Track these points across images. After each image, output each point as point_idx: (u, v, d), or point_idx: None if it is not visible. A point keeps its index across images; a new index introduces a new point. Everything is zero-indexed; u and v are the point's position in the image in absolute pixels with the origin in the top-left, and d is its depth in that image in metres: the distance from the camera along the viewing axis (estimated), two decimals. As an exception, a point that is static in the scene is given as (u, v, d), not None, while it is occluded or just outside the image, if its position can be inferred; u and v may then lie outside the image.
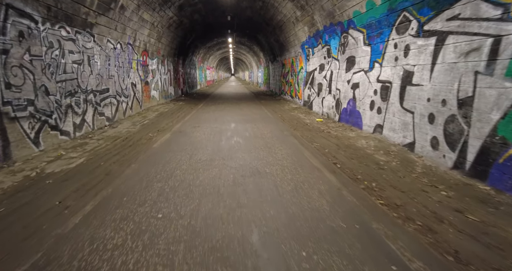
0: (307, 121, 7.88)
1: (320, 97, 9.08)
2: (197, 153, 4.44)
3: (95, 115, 6.17)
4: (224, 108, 10.61)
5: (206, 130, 6.30)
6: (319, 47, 8.99)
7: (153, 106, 10.82)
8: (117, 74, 7.47)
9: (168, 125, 7.01)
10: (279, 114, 9.12)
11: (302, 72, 11.59)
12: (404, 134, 4.60)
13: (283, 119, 8.19)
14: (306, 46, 10.47)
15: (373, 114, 5.66)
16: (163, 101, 12.49)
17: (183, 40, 15.00)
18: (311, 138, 5.53)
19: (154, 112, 9.41)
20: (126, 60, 8.19)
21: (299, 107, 11.21)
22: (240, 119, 7.93)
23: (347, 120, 6.96)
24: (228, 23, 15.81)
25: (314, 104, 9.72)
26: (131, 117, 8.25)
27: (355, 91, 6.52)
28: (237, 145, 4.95)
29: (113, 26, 6.88)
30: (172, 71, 14.56)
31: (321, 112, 8.99)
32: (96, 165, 3.86)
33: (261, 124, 7.17)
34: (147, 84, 10.28)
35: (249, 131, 6.24)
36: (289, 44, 12.90)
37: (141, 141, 5.37)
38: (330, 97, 8.12)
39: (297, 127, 6.85)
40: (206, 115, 8.85)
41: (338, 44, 7.40)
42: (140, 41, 9.20)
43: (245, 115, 8.85)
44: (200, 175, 3.41)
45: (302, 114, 9.16)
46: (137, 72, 9.17)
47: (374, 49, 5.62)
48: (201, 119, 8.04)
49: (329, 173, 3.45)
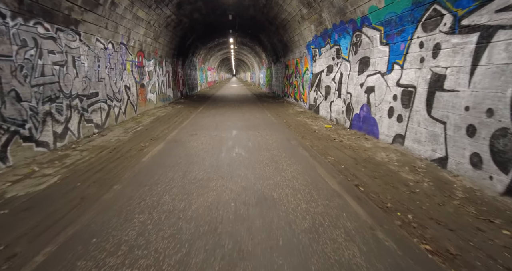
0: (315, 127, 7.24)
1: (328, 100, 8.45)
2: (192, 169, 3.80)
3: (81, 122, 5.55)
4: (225, 112, 9.99)
5: (204, 139, 5.67)
6: (327, 47, 8.36)
7: (150, 110, 10.21)
8: (108, 77, 6.86)
9: (163, 133, 6.39)
10: (283, 119, 8.48)
11: (307, 73, 10.96)
12: (433, 147, 3.95)
13: (289, 125, 7.56)
14: (312, 46, 9.84)
15: (392, 122, 5.01)
16: (161, 104, 11.89)
17: (182, 40, 14.41)
18: (323, 149, 4.89)
19: (149, 117, 8.79)
20: (119, 61, 7.59)
21: (304, 111, 10.58)
22: (242, 125, 7.30)
23: (360, 127, 6.31)
24: (230, 23, 15.22)
25: (321, 108, 9.08)
26: (124, 123, 7.63)
27: (369, 96, 5.88)
28: (239, 158, 4.32)
29: (103, 24, 6.27)
30: (171, 72, 13.97)
31: (329, 117, 8.35)
32: (71, 186, 3.23)
33: (265, 131, 6.54)
34: (143, 87, 9.68)
35: (252, 140, 5.60)
36: (294, 44, 12.28)
37: (130, 152, 4.74)
38: (340, 101, 7.48)
39: (305, 134, 6.22)
40: (206, 120, 8.22)
41: (349, 44, 6.77)
42: (135, 41, 8.60)
43: (247, 120, 8.23)
44: (193, 203, 2.77)
45: (308, 119, 8.53)
46: (131, 74, 8.57)
47: (393, 49, 4.98)
48: (200, 125, 7.41)
49: (353, 201, 2.81)
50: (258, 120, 8.20)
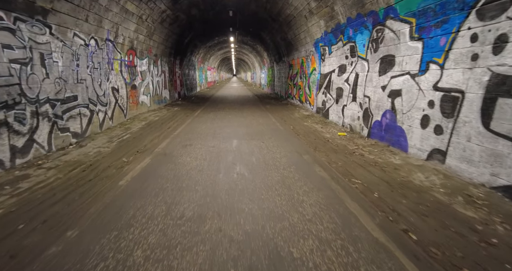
0: (327, 135, 6.35)
1: (339, 104, 7.55)
2: (180, 200, 2.91)
3: (53, 132, 4.67)
4: (225, 116, 9.10)
5: (199, 152, 4.78)
6: (339, 44, 7.46)
7: (142, 114, 9.31)
8: (90, 78, 5.98)
9: (152, 143, 5.50)
10: (290, 125, 7.59)
11: (314, 74, 10.06)
12: (494, 170, 3.05)
13: (297, 132, 6.66)
14: (321, 44, 8.94)
15: (426, 134, 4.12)
16: (155, 107, 11.00)
17: (180, 38, 13.53)
18: (344, 167, 3.99)
19: (141, 122, 7.90)
20: (105, 60, 6.70)
21: (312, 114, 9.68)
22: (244, 133, 6.41)
23: (381, 136, 5.42)
24: (230, 20, 14.33)
25: (332, 112, 8.18)
26: (110, 130, 6.74)
27: (394, 101, 4.98)
28: (241, 182, 3.42)
29: (82, 16, 5.38)
30: (167, 72, 13.08)
31: (341, 122, 7.45)
32: (9, 230, 2.34)
33: (270, 140, 5.65)
34: (134, 88, 8.79)
35: (256, 153, 4.71)
36: (299, 42, 11.39)
37: (108, 171, 3.86)
38: (355, 106, 6.58)
39: (318, 145, 5.32)
40: (203, 126, 7.33)
41: (368, 40, 5.87)
42: (124, 38, 7.72)
43: (249, 126, 7.34)
44: (174, 266, 1.88)
45: (317, 125, 7.63)
46: (120, 75, 7.68)
47: (429, 44, 4.08)
48: (196, 132, 6.52)
49: (410, 263, 1.91)
50: (262, 126, 7.31)
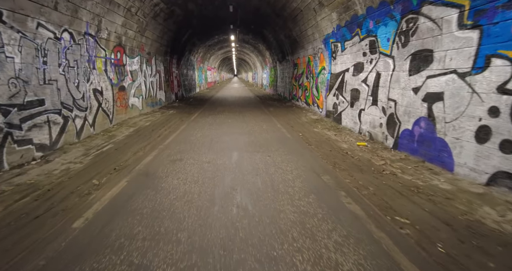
0: (344, 145, 5.38)
1: (355, 108, 6.58)
2: (151, 261, 1.95)
3: (5, 146, 3.71)
4: (224, 121, 8.14)
5: (190, 172, 3.81)
6: (355, 39, 6.49)
7: (132, 118, 8.36)
8: (64, 78, 5.03)
9: (135, 156, 4.54)
10: (298, 131, 6.63)
11: (323, 73, 9.09)
12: None
13: (308, 141, 5.70)
14: (332, 40, 7.98)
15: (486, 151, 3.15)
16: (148, 110, 10.05)
17: (176, 35, 12.58)
18: (379, 196, 3.02)
19: (129, 128, 6.95)
20: (84, 57, 5.75)
21: (321, 118, 8.71)
22: (245, 143, 5.45)
23: (413, 149, 4.44)
24: (230, 16, 13.37)
25: (345, 117, 7.21)
26: (90, 138, 5.79)
27: (432, 106, 4.01)
28: (243, 223, 2.45)
29: (49, 3, 4.42)
30: (163, 72, 12.13)
31: (357, 129, 6.47)
32: None
33: (278, 153, 4.68)
34: (122, 90, 7.83)
35: (261, 173, 3.74)
36: (305, 39, 10.42)
37: (68, 201, 2.90)
38: (376, 111, 5.62)
39: (337, 159, 4.36)
40: (198, 133, 6.37)
41: (395, 33, 4.90)
42: (109, 33, 6.77)
43: (252, 133, 6.37)
44: None
45: (330, 132, 6.66)
46: (105, 74, 6.73)
47: (491, 33, 3.11)
48: (189, 142, 5.56)
49: None
50: (266, 134, 6.34)
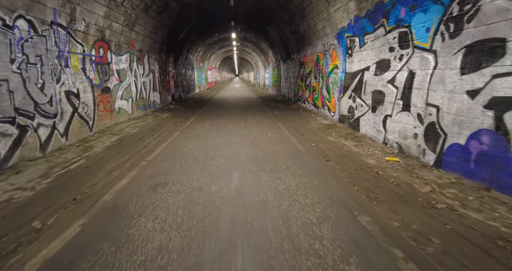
0: (370, 160, 4.35)
1: (378, 113, 5.53)
2: None
3: None
4: (223, 127, 7.11)
5: (173, 206, 2.78)
6: (379, 32, 5.45)
7: (119, 124, 7.33)
8: (20, 77, 4.01)
9: (107, 179, 3.52)
10: (310, 141, 5.59)
11: (336, 73, 8.05)
12: None
13: (325, 154, 4.66)
14: (348, 34, 6.93)
15: None
16: (139, 114, 9.03)
17: (173, 32, 11.57)
18: (453, 255, 1.98)
19: (111, 137, 5.93)
20: (52, 52, 4.74)
21: (333, 124, 7.67)
22: (248, 158, 4.41)
23: (468, 171, 3.39)
24: (231, 12, 12.34)
25: (364, 123, 6.17)
26: (60, 151, 4.77)
27: (503, 115, 2.97)
28: None
29: (-6, -19, 3.42)
30: (157, 71, 11.12)
31: (381, 138, 5.43)
32: None
33: (290, 173, 3.65)
34: (106, 92, 6.82)
35: (272, 210, 2.69)
36: (314, 35, 9.38)
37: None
38: (408, 118, 4.57)
39: (369, 185, 3.32)
40: (192, 144, 5.34)
41: (439, 21, 3.85)
42: (88, 24, 5.75)
43: (256, 143, 5.33)
44: None
45: (347, 141, 5.62)
46: (82, 74, 5.72)
47: None
48: (180, 156, 4.53)
49: None
50: (273, 145, 5.30)
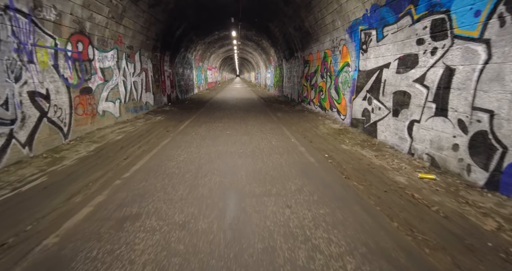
0: (400, 178, 3.50)
1: (402, 118, 4.68)
2: None
3: None
4: (221, 132, 6.26)
5: (141, 256, 1.93)
6: (404, 22, 4.60)
7: (102, 129, 6.49)
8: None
9: (63, 209, 2.67)
10: (322, 150, 4.74)
11: (347, 71, 7.20)
12: None
13: (342, 169, 3.81)
14: (363, 26, 6.08)
15: None
16: (129, 117, 8.20)
17: (168, 28, 10.75)
18: None
19: (90, 145, 5.09)
20: (8, 44, 3.91)
21: (345, 128, 6.81)
22: (249, 175, 3.55)
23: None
24: (231, 7, 11.51)
25: (383, 129, 5.31)
26: (19, 165, 3.92)
27: None
28: None
29: None
30: (151, 71, 10.30)
31: (405, 147, 4.57)
32: None
33: (303, 199, 2.79)
34: (87, 93, 5.99)
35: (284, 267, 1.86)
36: (322, 29, 8.53)
37: None
38: (445, 125, 3.72)
39: (410, 217, 2.46)
40: (182, 155, 4.50)
41: (496, 0, 3.01)
42: (60, 13, 4.92)
43: (258, 154, 4.48)
44: None
45: (365, 150, 4.77)
46: (54, 71, 4.89)
47: None
48: (165, 171, 3.69)
49: None
50: (279, 156, 4.45)
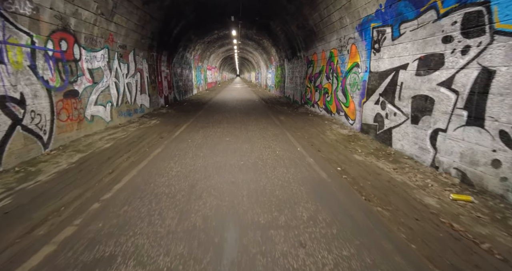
0: (429, 200, 2.96)
1: (422, 125, 4.14)
2: None
3: None
4: (220, 139, 5.71)
5: None
6: (427, 16, 4.06)
7: (91, 136, 5.96)
8: None
9: (14, 248, 2.14)
10: (333, 161, 4.20)
11: (356, 72, 6.66)
12: None
13: (360, 188, 3.27)
14: (375, 24, 5.55)
15: None
16: (122, 121, 7.66)
17: (165, 26, 10.21)
18: None
19: (73, 156, 4.55)
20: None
21: (354, 134, 6.27)
22: (251, 194, 3.01)
23: None
24: (231, 5, 10.99)
25: (400, 137, 4.77)
26: (-13, 181, 3.40)
27: None
28: None
29: None
30: (147, 71, 9.76)
31: (427, 159, 4.03)
32: None
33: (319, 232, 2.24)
34: (72, 96, 5.45)
35: None
36: (328, 28, 7.99)
37: None
38: (480, 136, 3.18)
39: (452, 257, 1.92)
40: (175, 168, 3.95)
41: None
42: (37, 7, 4.39)
43: (260, 165, 3.93)
44: None
45: (381, 161, 4.23)
46: (31, 73, 4.35)
47: None
48: (152, 191, 3.14)
49: None
50: (285, 169, 3.91)
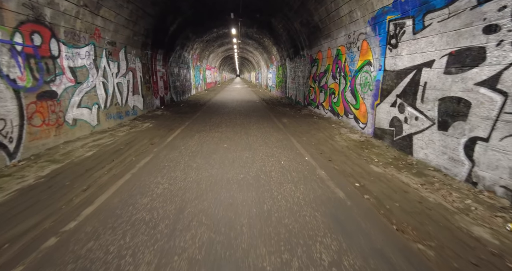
0: (479, 231, 2.30)
1: (454, 132, 3.49)
2: None
3: None
4: (217, 146, 5.06)
5: None
6: (462, 3, 3.41)
7: (72, 142, 5.31)
8: None
9: None
10: (349, 175, 3.55)
11: (368, 71, 6.02)
12: None
13: (386, 211, 2.61)
14: (393, 16, 4.91)
15: None
16: (111, 124, 7.02)
17: (160, 23, 9.57)
18: None
19: (45, 167, 3.90)
20: None
21: (366, 139, 5.63)
22: (253, 224, 2.34)
23: None
24: (231, 1, 10.36)
25: (422, 145, 4.12)
26: None
27: None
28: None
29: None
30: (140, 70, 9.12)
31: (462, 173, 3.38)
32: None
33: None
34: (49, 98, 4.81)
35: None
36: (335, 23, 7.35)
37: None
38: (540, 149, 2.54)
39: None
40: (162, 185, 3.30)
41: None
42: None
43: (263, 181, 3.28)
44: None
45: (403, 174, 3.59)
46: (-5, 72, 3.72)
47: None
48: (128, 219, 2.48)
49: None
50: (292, 186, 3.26)
